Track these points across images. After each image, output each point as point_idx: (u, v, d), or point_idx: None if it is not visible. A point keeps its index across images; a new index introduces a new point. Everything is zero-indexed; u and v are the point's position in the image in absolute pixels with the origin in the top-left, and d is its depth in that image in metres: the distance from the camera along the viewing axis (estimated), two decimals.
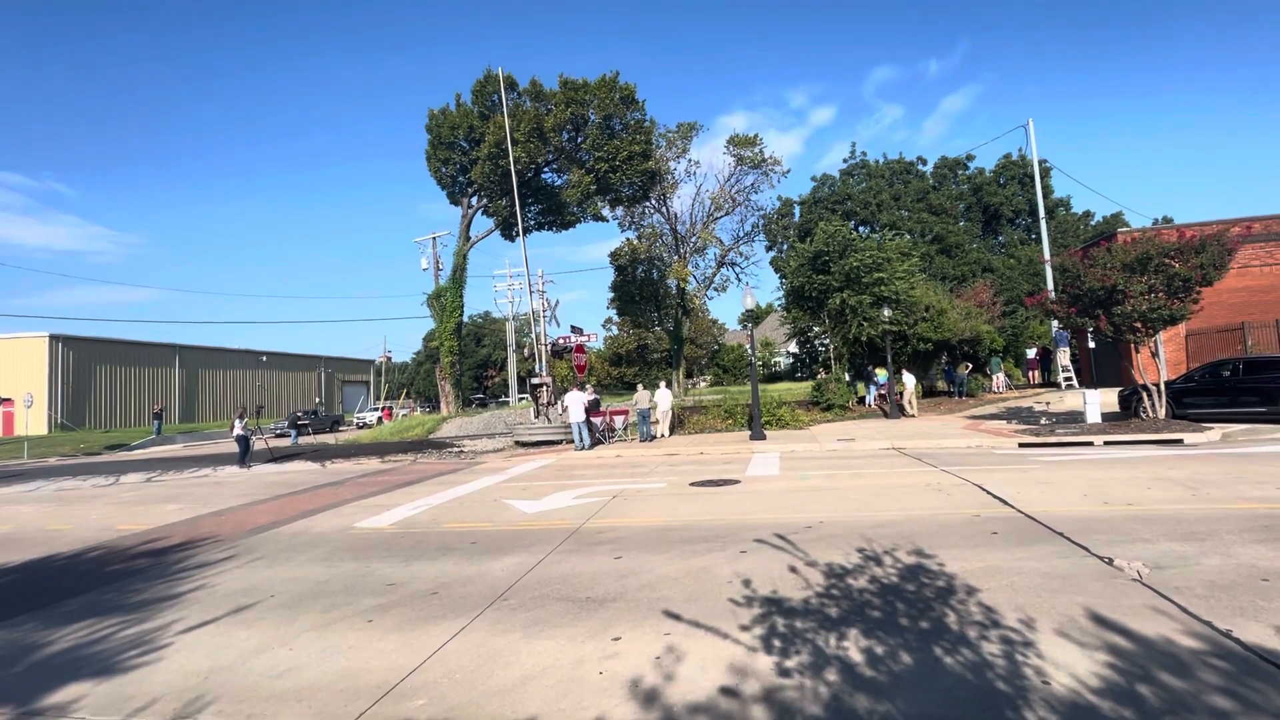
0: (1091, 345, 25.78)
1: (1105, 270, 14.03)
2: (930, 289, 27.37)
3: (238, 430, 19.31)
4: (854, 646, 3.99)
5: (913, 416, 21.08)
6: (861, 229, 44.08)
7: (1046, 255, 27.27)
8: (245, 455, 19.01)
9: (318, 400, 61.70)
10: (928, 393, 27.61)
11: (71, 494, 14.90)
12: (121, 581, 6.90)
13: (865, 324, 23.22)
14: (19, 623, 5.68)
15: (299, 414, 36.10)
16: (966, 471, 10.45)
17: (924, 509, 7.90)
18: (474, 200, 31.62)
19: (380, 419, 41.38)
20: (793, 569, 5.67)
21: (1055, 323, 21.72)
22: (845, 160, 53.32)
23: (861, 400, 24.09)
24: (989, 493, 8.59)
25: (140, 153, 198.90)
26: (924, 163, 52.93)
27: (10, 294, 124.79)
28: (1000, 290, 37.86)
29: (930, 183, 50.96)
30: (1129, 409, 15.79)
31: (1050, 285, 23.47)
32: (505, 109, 26.82)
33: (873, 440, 15.42)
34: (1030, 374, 31.66)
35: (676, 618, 4.68)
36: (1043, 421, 16.79)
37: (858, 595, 4.91)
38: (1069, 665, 3.58)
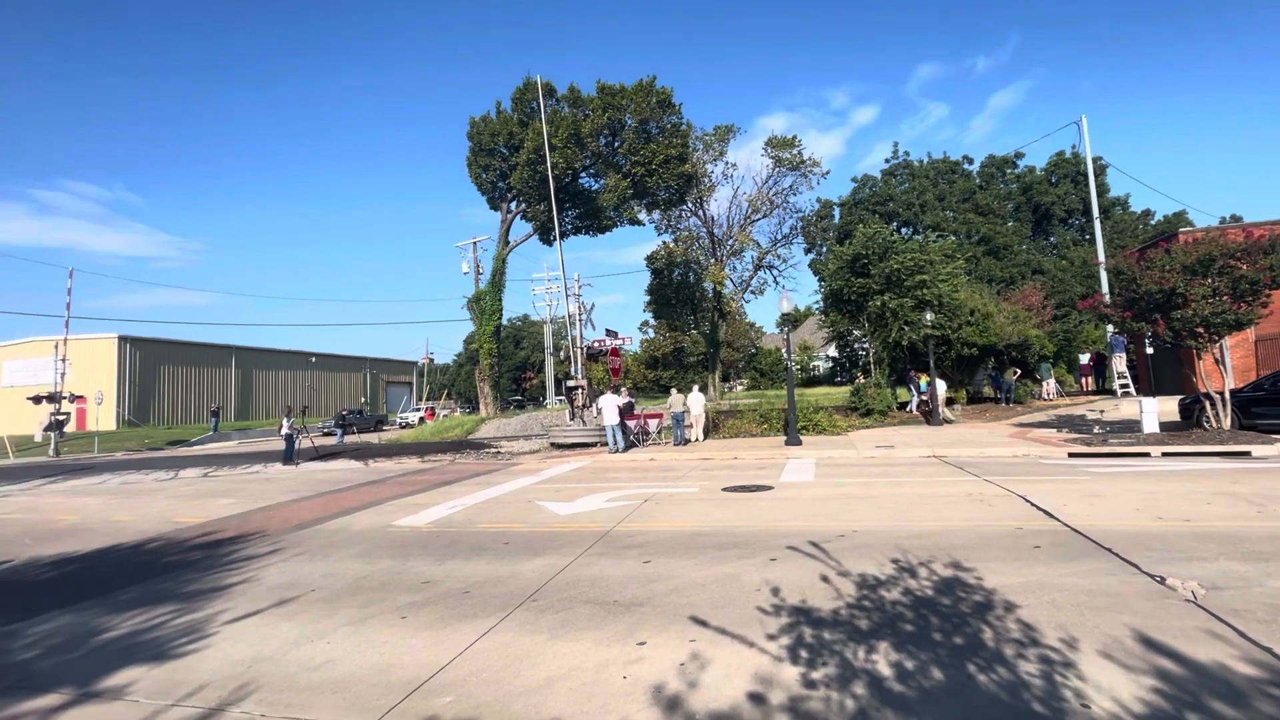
0: (1150, 351, 24.57)
1: (1163, 273, 13.36)
2: (976, 292, 26.55)
3: (285, 429, 20.08)
4: (883, 660, 3.91)
5: (952, 422, 20.46)
6: (903, 231, 43.08)
7: (1101, 257, 26.14)
8: (292, 453, 19.75)
9: (363, 400, 63.62)
10: (973, 399, 26.76)
11: (135, 487, 15.74)
12: (176, 572, 7.26)
13: (907, 328, 22.67)
14: (83, 608, 6.03)
15: (345, 413, 37.28)
16: (1011, 482, 10.09)
17: (964, 520, 7.67)
18: (513, 205, 32.17)
19: (423, 419, 42.43)
20: (824, 578, 5.58)
21: (1110, 327, 20.78)
22: (887, 160, 52.29)
23: (903, 406, 23.51)
24: (1033, 504, 8.28)
25: (200, 161, 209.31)
26: (970, 162, 51.45)
27: (83, 297, 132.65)
28: (1051, 293, 36.45)
29: (977, 182, 49.47)
30: (1190, 418, 14.98)
31: (1105, 288, 22.46)
32: (544, 115, 27.22)
33: (913, 447, 15.03)
34: (1084, 380, 30.34)
35: (703, 624, 4.66)
36: (1095, 430, 16.07)
37: (890, 607, 4.80)
38: (1112, 689, 3.42)
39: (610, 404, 17.93)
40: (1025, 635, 4.15)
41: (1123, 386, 23.86)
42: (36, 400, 30.99)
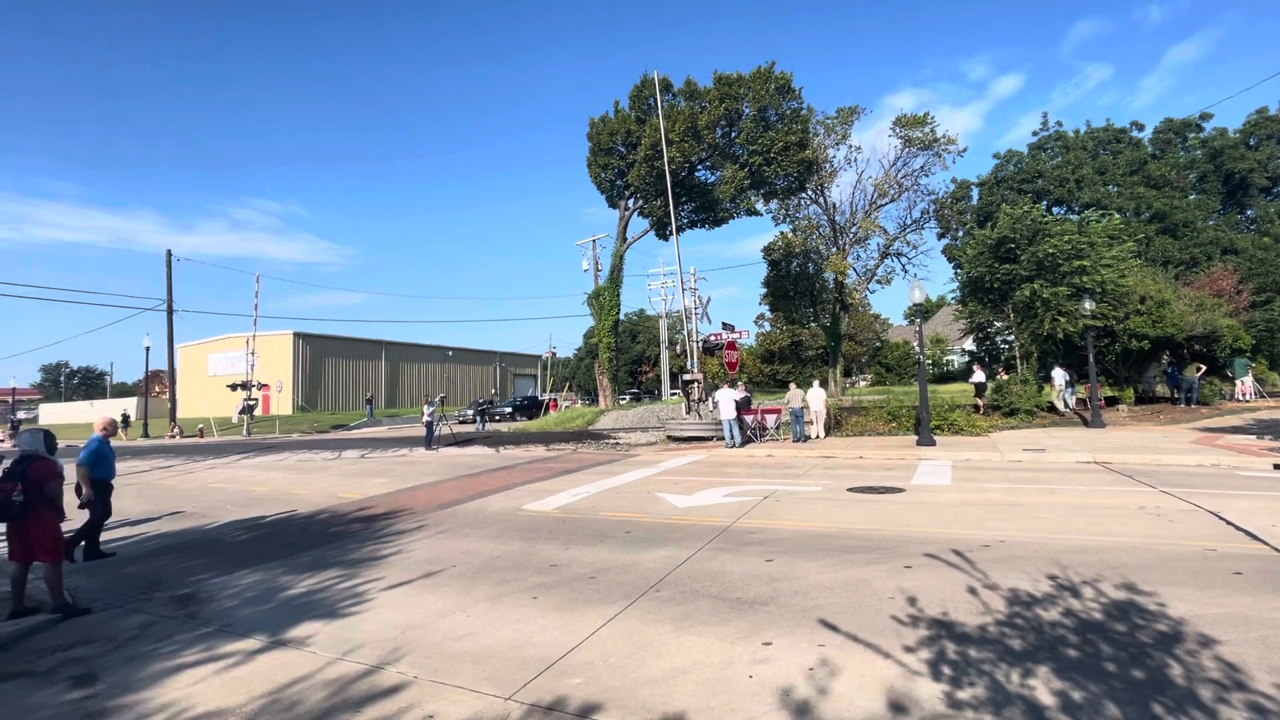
0: None
1: None
2: (1147, 277, 23.18)
3: (426, 416, 21.94)
4: (1043, 686, 3.52)
5: (1070, 416, 18.02)
6: (1055, 210, 38.58)
7: None
8: (431, 438, 21.54)
9: (493, 391, 68.06)
10: (1143, 399, 23.46)
11: (307, 465, 17.96)
12: (341, 541, 8.19)
13: (1061, 318, 20.28)
14: (271, 567, 6.98)
15: (484, 402, 39.92)
16: (1197, 495, 8.71)
17: (1136, 536, 6.73)
18: (630, 202, 32.72)
19: (547, 409, 44.57)
20: (970, 590, 5.14)
21: None
22: (1035, 133, 46.99)
23: (1052, 407, 21.13)
24: (1229, 523, 7.09)
25: (354, 177, 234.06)
26: (1140, 128, 44.95)
27: (266, 298, 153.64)
28: (1248, 275, 30.96)
29: (1148, 151, 43.14)
30: None
31: None
32: (660, 111, 27.37)
33: (1068, 452, 13.45)
34: None
35: (832, 628, 4.47)
36: None
37: (1048, 629, 4.31)
38: None
39: (726, 398, 17.74)
40: (1228, 677, 3.55)
41: None
42: (233, 388, 36.30)
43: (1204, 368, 22.52)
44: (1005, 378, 21.64)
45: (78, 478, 7.83)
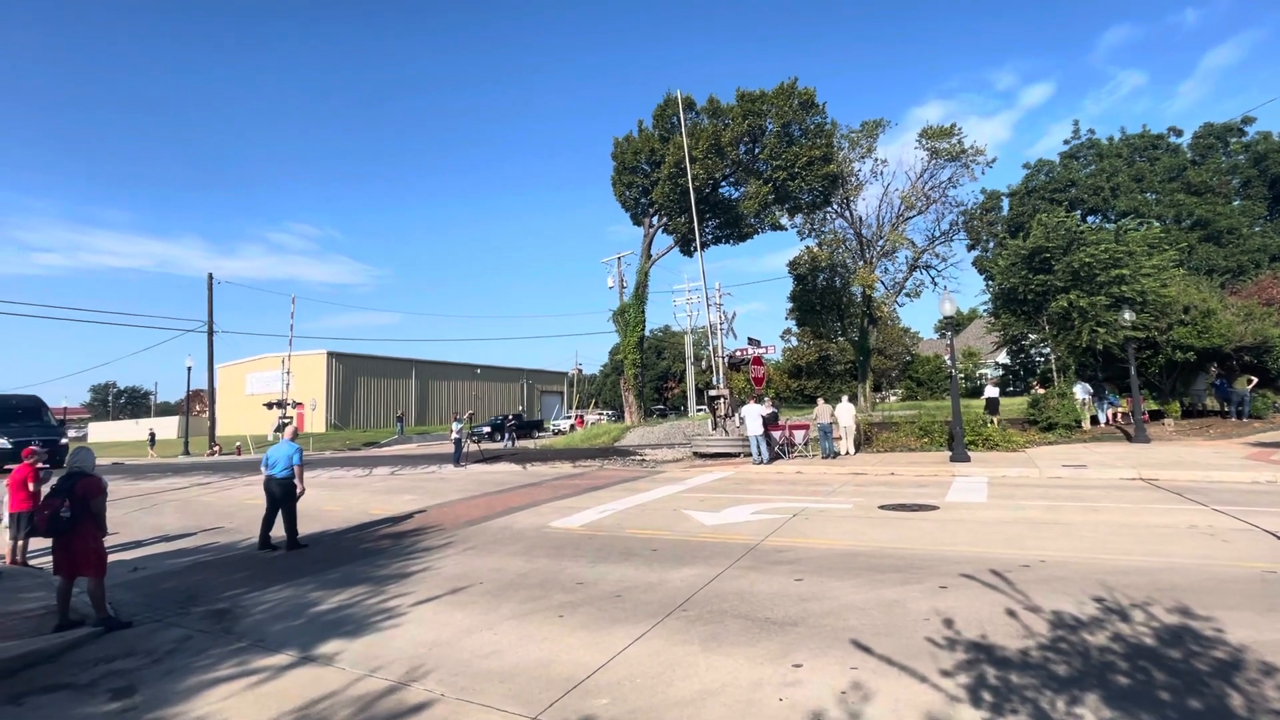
0: None
1: None
2: (1191, 286, 22.38)
3: (455, 433, 22.17)
4: (1092, 715, 3.35)
5: (1112, 430, 17.31)
6: (1090, 219, 37.68)
7: None
8: (459, 455, 21.74)
9: (520, 408, 68.54)
10: (1191, 413, 22.51)
11: (339, 481, 18.27)
12: (370, 557, 8.27)
13: (1100, 330, 19.66)
14: (302, 582, 7.08)
15: (511, 419, 40.00)
16: (1252, 514, 8.29)
17: (1189, 557, 6.42)
18: (654, 220, 32.92)
19: (573, 426, 44.72)
20: (1010, 612, 4.95)
21: None
22: (1066, 141, 46.27)
23: (1095, 420, 20.42)
24: None
25: (386, 199, 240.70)
26: (1178, 134, 43.85)
27: (301, 320, 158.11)
28: None
29: (1188, 157, 41.97)
30: None
31: None
32: (683, 129, 27.59)
33: (1111, 468, 12.95)
34: None
35: (866, 650, 4.33)
36: None
37: (1095, 654, 4.12)
38: None
39: (753, 414, 17.56)
40: None
41: None
42: (270, 406, 37.25)
43: (1255, 380, 21.56)
44: (1042, 391, 21.01)
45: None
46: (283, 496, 9.12)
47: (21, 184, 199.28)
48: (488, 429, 37.96)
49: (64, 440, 25.14)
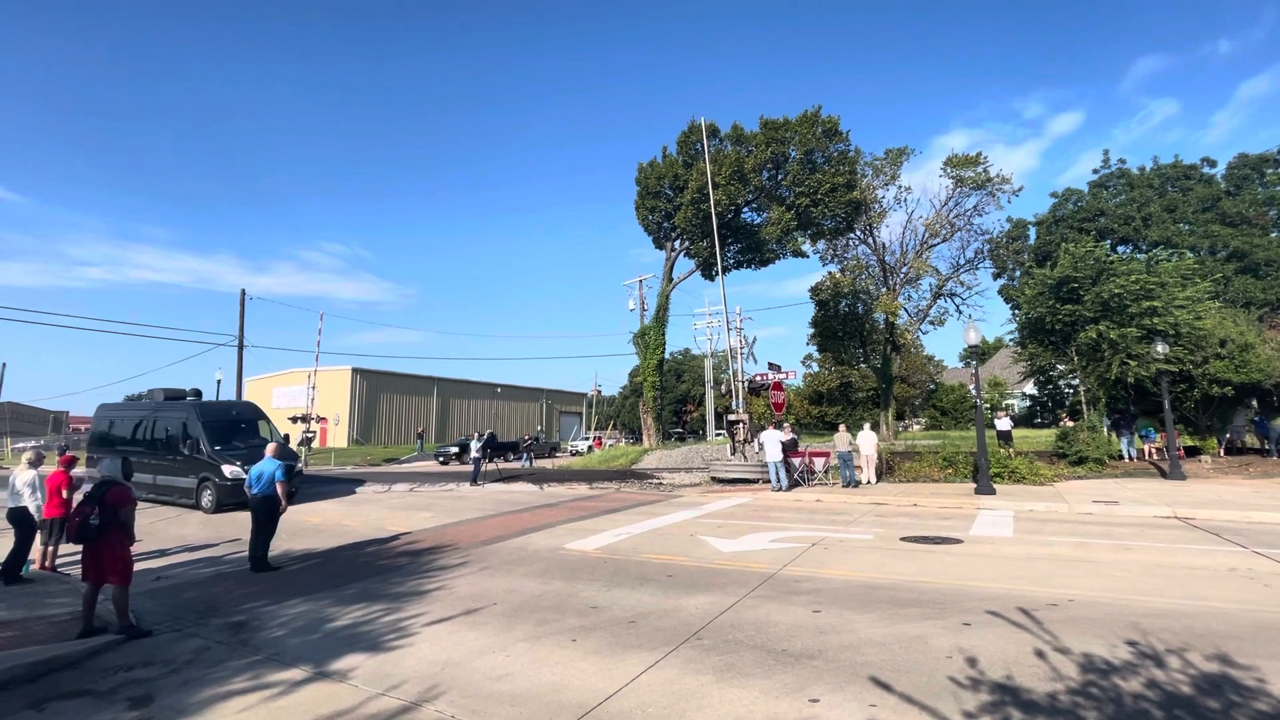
0: None
1: None
2: (1228, 319, 21.79)
3: (474, 452, 22.27)
4: None
5: (1146, 466, 16.70)
6: (1120, 249, 37.04)
7: None
8: (477, 474, 21.81)
9: (539, 428, 68.73)
10: (1230, 450, 21.75)
11: (358, 497, 18.42)
12: (387, 574, 8.30)
13: (1131, 362, 19.20)
14: (319, 597, 7.12)
15: (530, 439, 40.07)
16: None
17: (1228, 600, 6.16)
18: (677, 244, 33.15)
19: (591, 447, 44.64)
20: (1037, 653, 4.78)
21: None
22: (1096, 171, 45.59)
23: (1121, 455, 19.85)
24: None
25: (413, 218, 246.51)
26: (1212, 164, 43.02)
27: (327, 336, 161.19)
28: None
29: (1222, 188, 41.14)
30: None
31: None
32: (707, 155, 27.90)
33: (1144, 505, 12.53)
34: None
35: (885, 688, 4.21)
36: None
37: (1129, 701, 3.95)
38: None
39: (773, 440, 17.38)
40: None
41: None
42: (294, 420, 37.88)
43: None
44: (1071, 424, 20.49)
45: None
46: (265, 515, 8.92)
47: (69, 199, 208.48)
48: (455, 449, 36.88)
49: (300, 465, 19.16)
